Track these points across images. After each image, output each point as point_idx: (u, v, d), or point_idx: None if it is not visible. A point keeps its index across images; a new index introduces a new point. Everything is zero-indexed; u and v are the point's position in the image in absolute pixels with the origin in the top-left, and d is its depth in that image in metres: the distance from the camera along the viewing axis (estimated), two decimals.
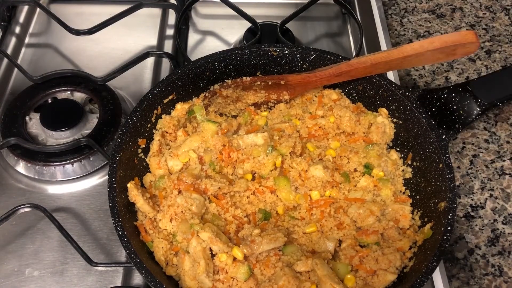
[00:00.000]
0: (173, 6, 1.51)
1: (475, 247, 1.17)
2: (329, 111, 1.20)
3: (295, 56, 1.22)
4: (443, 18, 1.61)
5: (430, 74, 1.47)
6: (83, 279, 1.08)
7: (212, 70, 1.21)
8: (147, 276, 0.91)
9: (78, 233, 1.13)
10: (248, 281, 0.96)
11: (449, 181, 1.01)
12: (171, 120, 1.16)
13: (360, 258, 1.01)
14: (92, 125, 1.27)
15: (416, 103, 1.12)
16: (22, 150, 1.21)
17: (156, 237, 1.02)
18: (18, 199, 1.18)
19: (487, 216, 1.21)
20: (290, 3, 1.62)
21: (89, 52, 1.47)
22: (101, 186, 1.21)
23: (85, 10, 1.57)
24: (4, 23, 1.50)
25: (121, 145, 1.05)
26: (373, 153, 1.14)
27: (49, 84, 1.33)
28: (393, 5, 1.65)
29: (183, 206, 1.02)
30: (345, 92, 1.25)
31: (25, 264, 1.09)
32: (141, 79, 1.41)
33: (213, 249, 0.98)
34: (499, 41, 1.55)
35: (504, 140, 1.34)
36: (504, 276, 1.13)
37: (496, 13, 1.62)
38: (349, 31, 1.56)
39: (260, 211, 1.06)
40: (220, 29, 1.55)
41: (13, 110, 1.28)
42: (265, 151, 1.09)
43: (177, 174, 1.07)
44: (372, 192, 1.10)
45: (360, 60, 1.13)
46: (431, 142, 1.08)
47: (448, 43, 1.02)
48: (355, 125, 1.18)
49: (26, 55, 1.48)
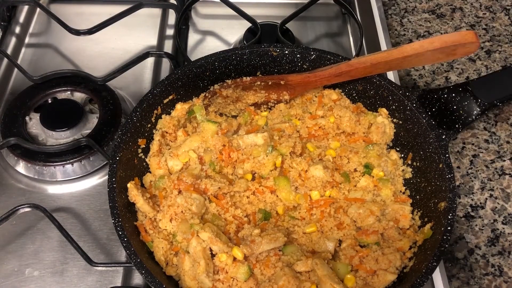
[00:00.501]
0: (173, 6, 1.51)
1: (475, 247, 1.17)
2: (329, 111, 1.20)
3: (295, 56, 1.22)
4: (443, 18, 1.61)
5: (430, 74, 1.47)
6: (83, 279, 1.08)
7: (212, 70, 1.21)
8: (147, 276, 0.91)
9: (78, 233, 1.13)
10: (248, 281, 0.96)
11: (449, 181, 1.01)
12: (171, 120, 1.16)
13: (360, 258, 1.01)
14: (92, 125, 1.27)
15: (416, 103, 1.12)
16: (22, 150, 1.21)
17: (156, 237, 1.02)
18: (18, 199, 1.18)
19: (487, 216, 1.21)
20: (290, 3, 1.62)
21: (89, 52, 1.47)
22: (101, 186, 1.21)
23: (85, 10, 1.57)
24: (4, 23, 1.50)
25: (121, 145, 1.05)
26: (373, 153, 1.14)
27: (49, 84, 1.33)
28: (393, 5, 1.65)
29: (183, 206, 1.02)
30: (345, 92, 1.25)
31: (25, 264, 1.09)
32: (141, 79, 1.41)
33: (213, 249, 0.98)
34: (499, 41, 1.55)
35: (504, 140, 1.34)
36: (504, 276, 1.13)
37: (496, 13, 1.62)
38: (349, 31, 1.56)
39: (260, 211, 1.06)
40: (220, 29, 1.55)
41: (13, 110, 1.28)
42: (265, 151, 1.09)
43: (177, 174, 1.07)
44: (372, 192, 1.10)
45: (360, 60, 1.13)
46: (431, 142, 1.08)
47: (448, 43, 1.02)
48: (355, 125, 1.18)
49: (26, 55, 1.48)
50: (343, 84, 1.23)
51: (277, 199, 1.08)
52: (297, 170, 1.09)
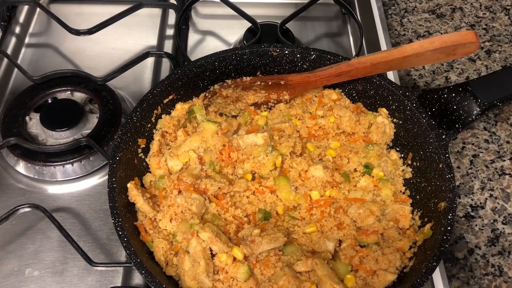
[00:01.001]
0: (173, 6, 1.51)
1: (475, 247, 1.17)
2: (329, 111, 1.20)
3: (295, 56, 1.22)
4: (443, 18, 1.61)
5: (430, 74, 1.47)
6: (83, 279, 1.08)
7: (212, 70, 1.21)
8: (147, 276, 0.91)
9: (78, 233, 1.13)
10: (248, 281, 0.96)
11: (449, 181, 1.01)
12: (171, 120, 1.16)
13: (360, 258, 1.01)
14: (92, 125, 1.27)
15: (416, 103, 1.12)
16: (22, 150, 1.21)
17: (156, 237, 1.02)
18: (18, 199, 1.18)
19: (487, 216, 1.21)
20: (290, 3, 1.62)
21: (89, 52, 1.47)
22: (101, 186, 1.21)
23: (85, 10, 1.58)
24: (4, 23, 1.50)
25: (121, 145, 1.05)
26: (373, 153, 1.14)
27: (49, 84, 1.33)
28: (393, 5, 1.65)
29: (183, 206, 1.02)
30: (345, 92, 1.25)
31: (25, 264, 1.09)
32: (141, 79, 1.41)
33: (213, 249, 0.98)
34: (499, 41, 1.55)
35: (504, 140, 1.34)
36: (504, 276, 1.13)
37: (496, 13, 1.62)
38: (349, 31, 1.56)
39: (260, 211, 1.06)
40: (220, 29, 1.55)
41: (13, 110, 1.28)
42: (265, 151, 1.09)
43: (177, 174, 1.07)
44: (372, 192, 1.10)
45: (360, 60, 1.13)
46: (431, 142, 1.08)
47: (448, 43, 1.02)
48: (355, 125, 1.18)
49: (26, 55, 1.48)
50: (343, 84, 1.23)
51: (277, 199, 1.08)
52: (297, 170, 1.09)
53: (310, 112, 1.22)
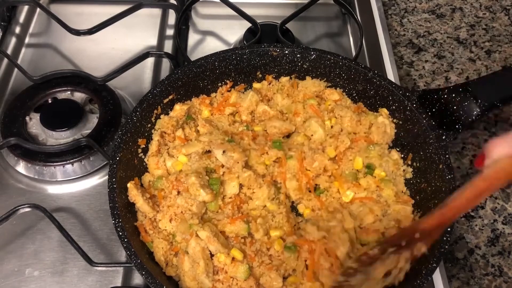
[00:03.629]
0: (173, 6, 1.50)
1: (475, 247, 1.17)
2: (331, 113, 1.20)
3: (295, 56, 1.22)
4: (443, 18, 1.61)
5: (430, 74, 1.47)
6: (83, 279, 1.08)
7: (212, 70, 1.21)
8: (147, 277, 0.91)
9: (78, 233, 1.13)
10: (248, 280, 0.96)
11: (449, 182, 1.01)
12: (170, 121, 1.15)
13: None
14: (92, 125, 1.27)
15: (416, 103, 1.12)
16: (22, 150, 1.21)
17: (156, 237, 1.02)
18: (18, 199, 1.18)
19: (487, 216, 1.21)
20: (290, 3, 1.62)
21: (89, 52, 1.47)
22: (101, 186, 1.21)
23: (85, 10, 1.57)
24: (4, 23, 1.50)
25: (121, 145, 1.05)
26: (375, 153, 1.13)
27: (49, 84, 1.33)
28: (393, 5, 1.65)
29: (183, 206, 1.02)
30: (346, 92, 1.24)
31: (25, 264, 1.09)
32: (141, 79, 1.41)
33: (211, 249, 0.98)
34: (499, 41, 1.55)
35: None
36: (504, 276, 1.13)
37: (496, 13, 1.62)
38: (349, 31, 1.56)
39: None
40: (220, 29, 1.55)
41: (13, 110, 1.28)
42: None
43: (175, 175, 1.07)
44: (375, 193, 1.10)
45: (496, 171, 0.92)
46: (431, 142, 1.07)
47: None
48: (356, 125, 1.18)
49: (26, 55, 1.48)
50: (344, 84, 1.23)
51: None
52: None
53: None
